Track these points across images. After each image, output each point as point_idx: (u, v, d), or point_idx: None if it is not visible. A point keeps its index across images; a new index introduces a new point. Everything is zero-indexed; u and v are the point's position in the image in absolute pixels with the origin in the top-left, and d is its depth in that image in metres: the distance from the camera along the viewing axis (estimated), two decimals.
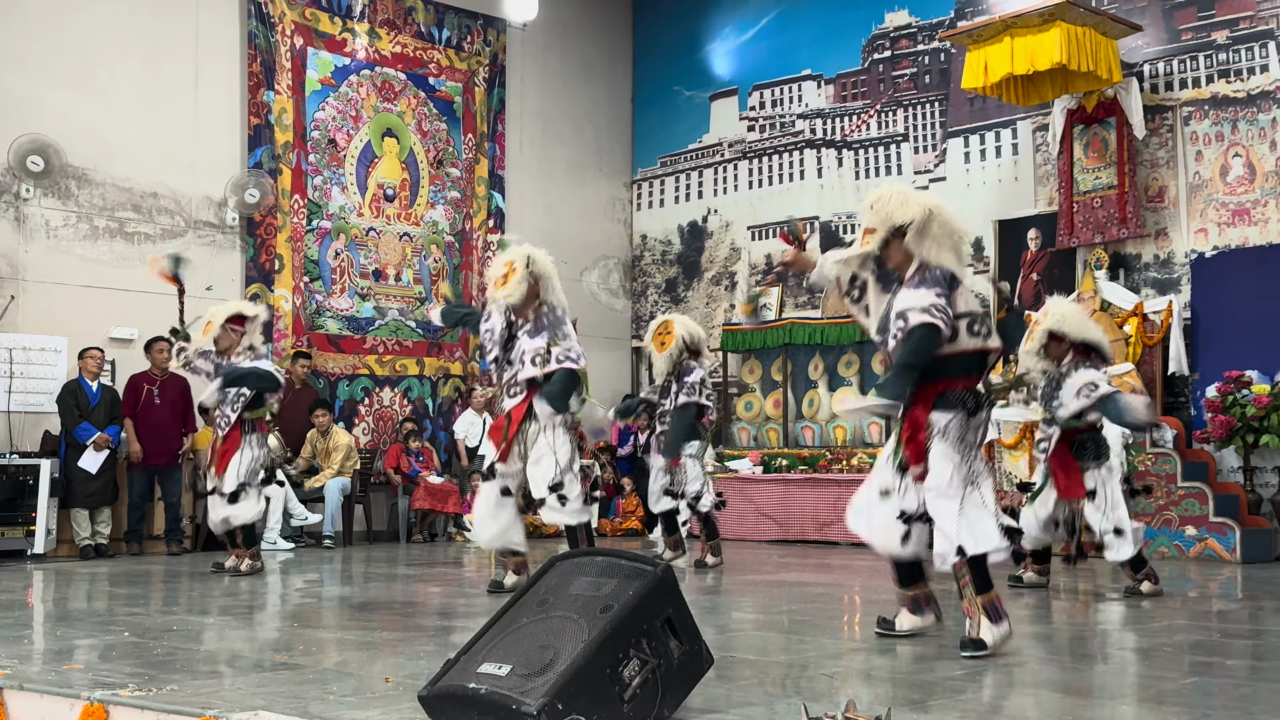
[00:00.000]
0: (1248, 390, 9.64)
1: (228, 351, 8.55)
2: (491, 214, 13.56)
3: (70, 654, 4.85)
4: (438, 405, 13.05)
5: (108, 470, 10.06)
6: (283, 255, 12.00)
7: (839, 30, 13.17)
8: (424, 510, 12.05)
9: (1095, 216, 10.94)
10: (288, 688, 4.02)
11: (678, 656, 3.37)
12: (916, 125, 12.61)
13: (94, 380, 10.13)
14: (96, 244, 10.94)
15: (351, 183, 12.57)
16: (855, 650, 4.97)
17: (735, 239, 13.98)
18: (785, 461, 12.29)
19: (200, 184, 11.53)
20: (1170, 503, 9.61)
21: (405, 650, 4.90)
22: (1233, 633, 5.62)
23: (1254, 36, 10.44)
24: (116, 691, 3.86)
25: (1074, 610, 6.64)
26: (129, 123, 11.13)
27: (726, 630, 5.56)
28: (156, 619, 5.98)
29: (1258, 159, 10.36)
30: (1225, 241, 10.49)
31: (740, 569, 8.91)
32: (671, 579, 3.43)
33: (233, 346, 8.55)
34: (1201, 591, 7.51)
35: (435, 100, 13.20)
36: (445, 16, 13.30)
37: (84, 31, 10.92)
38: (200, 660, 4.73)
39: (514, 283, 6.82)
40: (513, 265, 6.90)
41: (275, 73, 12.01)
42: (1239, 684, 4.22)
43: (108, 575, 8.54)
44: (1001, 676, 4.35)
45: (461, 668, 3.30)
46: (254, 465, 8.41)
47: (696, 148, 14.41)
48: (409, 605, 6.85)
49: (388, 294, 12.76)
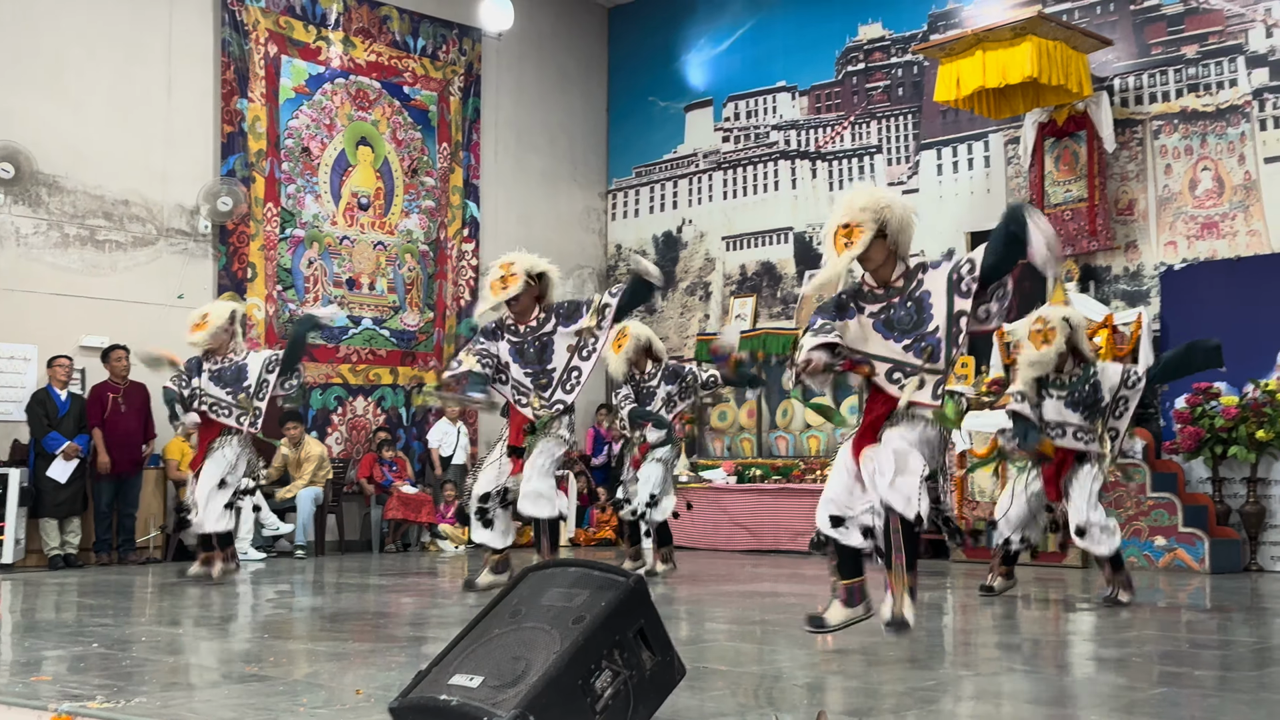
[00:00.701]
0: (1216, 402, 9.72)
1: (218, 352, 8.58)
2: (466, 223, 13.55)
3: (38, 665, 4.81)
4: (411, 415, 13.01)
5: (77, 479, 9.99)
6: (256, 264, 11.95)
7: (813, 42, 13.23)
8: (397, 520, 12.01)
9: (1066, 229, 11.01)
10: (258, 699, 4.00)
11: (650, 667, 3.37)
12: (890, 137, 12.68)
13: (63, 389, 10.06)
14: (67, 252, 10.87)
15: (325, 191, 12.53)
16: (828, 660, 4.98)
17: (710, 249, 14.01)
18: (759, 471, 12.32)
19: (172, 192, 11.47)
20: (1140, 513, 9.68)
21: (377, 661, 4.88)
22: (1202, 643, 5.66)
23: (1223, 51, 10.54)
24: (85, 703, 3.83)
25: (1044, 619, 6.67)
26: (101, 130, 11.07)
27: (699, 640, 5.56)
28: (125, 630, 5.93)
29: (1226, 173, 10.46)
30: (1194, 254, 10.59)
31: (713, 579, 8.91)
32: (644, 590, 3.44)
33: (224, 346, 8.62)
34: (1171, 602, 7.56)
35: (410, 109, 13.18)
36: (420, 25, 13.29)
37: (56, 38, 10.86)
38: (169, 671, 4.70)
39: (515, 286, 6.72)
40: (511, 268, 6.80)
41: (249, 80, 11.97)
42: (1207, 694, 4.25)
43: (77, 585, 8.47)
44: (972, 686, 4.37)
45: (433, 679, 3.29)
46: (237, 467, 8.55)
47: (671, 158, 14.44)
48: (381, 616, 6.83)
49: (361, 303, 12.73)
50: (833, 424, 5.07)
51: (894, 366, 4.93)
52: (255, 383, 8.51)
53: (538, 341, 6.83)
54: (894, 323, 4.95)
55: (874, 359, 4.96)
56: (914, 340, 4.90)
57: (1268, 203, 10.24)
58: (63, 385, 10.06)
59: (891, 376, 4.93)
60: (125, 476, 10.31)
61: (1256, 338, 9.94)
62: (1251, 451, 9.57)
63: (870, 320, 4.99)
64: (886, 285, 5.00)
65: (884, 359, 4.95)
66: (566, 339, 6.78)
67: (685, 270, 14.25)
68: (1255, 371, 9.83)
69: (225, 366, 8.58)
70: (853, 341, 4.99)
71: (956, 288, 4.85)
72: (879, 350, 4.96)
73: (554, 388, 6.84)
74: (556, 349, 6.76)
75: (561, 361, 6.70)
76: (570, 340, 6.72)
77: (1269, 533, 9.78)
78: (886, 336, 4.96)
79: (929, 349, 4.86)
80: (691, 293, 14.16)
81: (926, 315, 4.90)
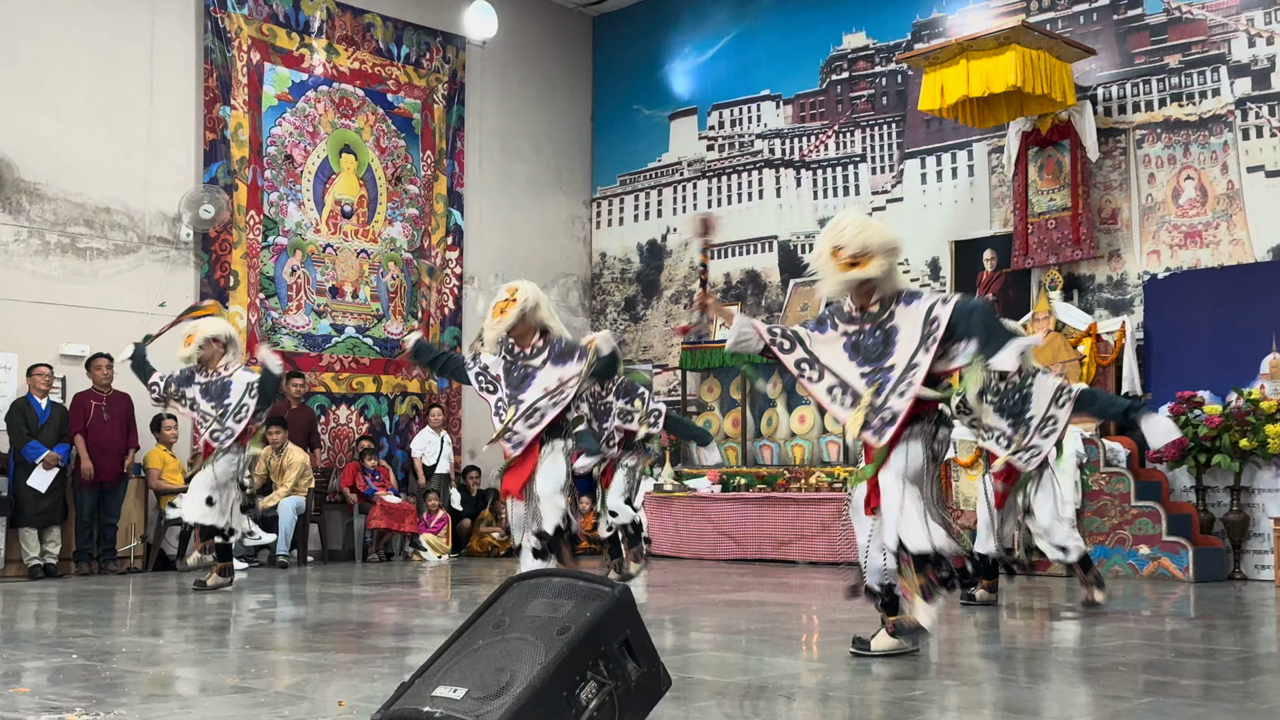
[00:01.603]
0: (1200, 410, 9.74)
1: (209, 364, 8.67)
2: (450, 231, 13.52)
3: (18, 677, 4.76)
4: (394, 423, 12.96)
5: (57, 489, 9.91)
6: (238, 271, 11.90)
7: (797, 51, 13.26)
8: (380, 529, 11.96)
9: (1050, 238, 11.04)
10: (240, 711, 3.96)
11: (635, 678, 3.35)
12: (874, 146, 12.70)
13: (43, 398, 9.99)
14: (48, 259, 10.80)
15: (308, 199, 12.49)
16: (814, 670, 4.97)
17: (694, 257, 13.98)
18: (744, 480, 12.30)
19: (154, 199, 11.42)
20: (1124, 522, 9.70)
21: (359, 672, 4.84)
22: (1186, 652, 5.66)
23: (1206, 61, 10.59)
24: (64, 715, 3.80)
25: (1028, 629, 6.67)
26: (82, 137, 11.01)
27: (685, 650, 5.54)
28: (106, 640, 5.88)
29: (1209, 182, 10.51)
30: (1177, 263, 10.62)
31: (698, 588, 8.89)
32: (629, 600, 3.41)
33: (215, 358, 8.69)
34: (1155, 610, 7.57)
35: (393, 117, 13.16)
36: (404, 33, 13.27)
37: (36, 45, 10.80)
38: (150, 683, 4.65)
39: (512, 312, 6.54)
40: (514, 294, 6.58)
41: (231, 88, 11.93)
42: (1193, 704, 4.24)
43: (57, 595, 8.40)
44: (957, 697, 4.36)
45: (416, 691, 3.27)
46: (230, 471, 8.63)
47: (656, 166, 14.44)
48: (364, 626, 6.78)
49: (344, 311, 12.69)
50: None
51: (839, 385, 5.18)
52: (235, 403, 8.59)
53: (525, 369, 6.73)
54: (860, 348, 5.19)
55: (828, 371, 5.22)
56: (872, 371, 5.12)
57: (1250, 212, 10.28)
58: (43, 394, 9.99)
59: (831, 392, 5.19)
60: (107, 486, 10.24)
61: (1239, 346, 9.98)
62: (1235, 460, 9.59)
63: (842, 339, 5.24)
64: (864, 310, 5.21)
65: (837, 376, 5.20)
66: (547, 379, 6.64)
67: (669, 279, 14.24)
68: (1238, 380, 9.86)
69: (213, 380, 8.69)
70: (817, 349, 5.26)
71: (924, 341, 5.02)
72: (838, 368, 5.22)
73: (518, 417, 6.71)
74: (535, 383, 6.66)
75: (531, 397, 6.62)
76: (549, 382, 6.61)
77: (1253, 541, 9.80)
78: (851, 358, 5.20)
79: (878, 384, 5.06)
80: (676, 301, 14.15)
81: (890, 349, 5.11)
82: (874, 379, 5.09)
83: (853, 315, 5.24)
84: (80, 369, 10.55)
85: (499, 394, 6.67)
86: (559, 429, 6.67)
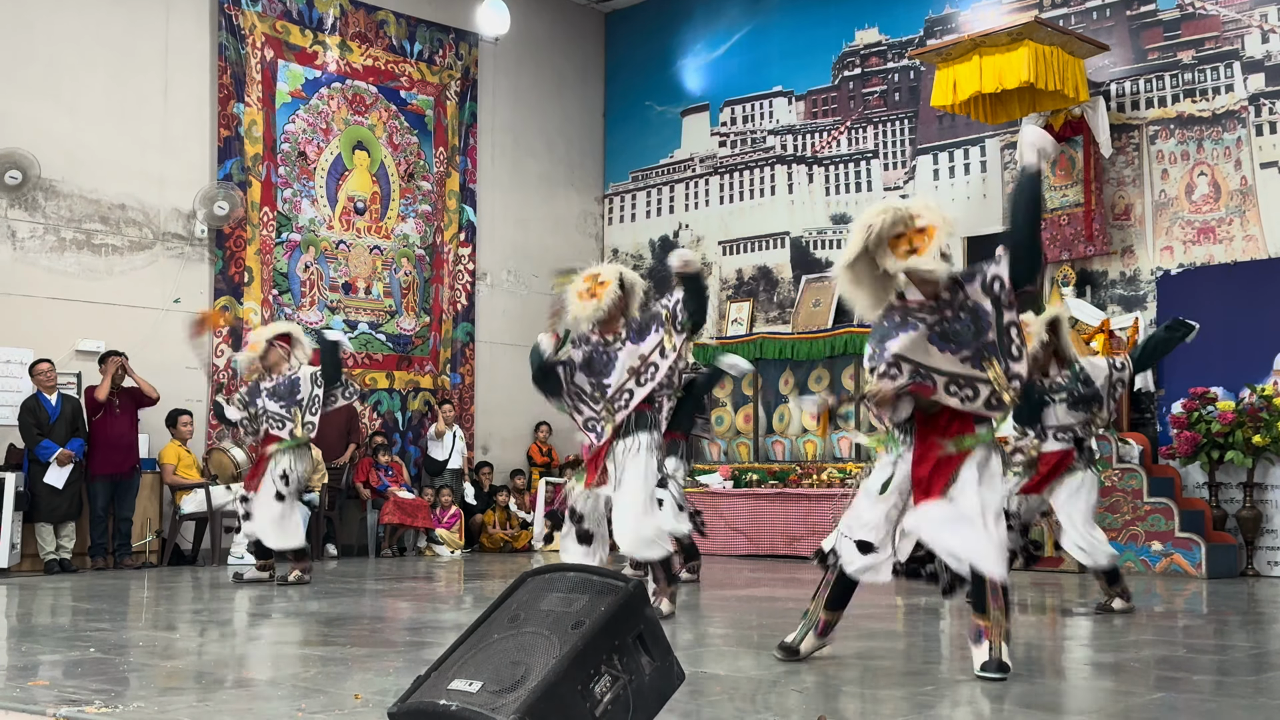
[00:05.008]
0: (1213, 407, 9.73)
1: (275, 368, 8.79)
2: (463, 227, 13.54)
3: (35, 670, 4.80)
4: (407, 419, 13.00)
5: (73, 484, 9.96)
6: (252, 268, 11.94)
7: (810, 47, 13.25)
8: (393, 525, 12.00)
9: (1062, 234, 11.03)
10: (256, 704, 3.99)
11: (649, 673, 3.37)
12: (886, 142, 12.69)
13: (51, 393, 10.01)
14: (63, 256, 10.85)
15: (321, 195, 12.53)
16: (826, 666, 4.98)
17: (706, 254, 14.00)
18: (756, 476, 12.31)
19: (169, 196, 11.46)
20: (1136, 518, 9.69)
21: (375, 666, 4.87)
22: (1199, 648, 5.66)
23: (1219, 57, 10.56)
24: (83, 708, 3.83)
25: (1040, 625, 6.67)
26: (97, 134, 11.06)
27: (698, 646, 5.56)
28: (122, 634, 5.92)
29: (1223, 178, 10.48)
30: (1191, 259, 10.60)
31: (711, 584, 8.91)
32: (643, 595, 3.43)
33: (280, 362, 8.80)
34: (1168, 607, 7.56)
35: (406, 114, 13.18)
36: (417, 30, 13.29)
37: (51, 42, 10.85)
38: (167, 676, 4.69)
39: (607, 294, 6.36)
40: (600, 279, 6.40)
41: (245, 85, 11.97)
42: (1205, 699, 4.25)
43: (72, 590, 8.46)
44: (969, 692, 4.36)
45: (432, 684, 3.29)
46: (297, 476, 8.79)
47: (668, 162, 14.44)
48: (378, 621, 6.82)
49: (357, 307, 12.72)
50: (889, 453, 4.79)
51: (950, 380, 4.75)
52: (307, 396, 8.71)
53: (606, 355, 6.50)
54: (950, 335, 4.77)
55: (934, 373, 4.76)
56: (974, 352, 4.75)
57: (1264, 208, 10.26)
58: (50, 390, 10.00)
59: (949, 390, 4.76)
60: (121, 480, 10.29)
61: (1253, 343, 9.96)
62: (1248, 456, 9.58)
63: (926, 332, 4.78)
64: (936, 298, 4.82)
65: (943, 372, 4.76)
66: (630, 358, 6.39)
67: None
68: (1252, 376, 9.85)
69: (280, 382, 8.78)
70: (913, 354, 4.77)
71: (999, 302, 4.73)
72: (938, 364, 4.76)
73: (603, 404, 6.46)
74: (618, 366, 6.43)
75: (618, 381, 6.39)
76: (633, 361, 6.37)
77: (1265, 537, 9.79)
78: (943, 349, 4.76)
79: (989, 358, 4.73)
80: None
81: (984, 325, 4.74)
82: (982, 357, 4.73)
83: (927, 305, 4.81)
84: (95, 365, 10.59)
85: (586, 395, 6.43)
86: (646, 419, 6.39)
